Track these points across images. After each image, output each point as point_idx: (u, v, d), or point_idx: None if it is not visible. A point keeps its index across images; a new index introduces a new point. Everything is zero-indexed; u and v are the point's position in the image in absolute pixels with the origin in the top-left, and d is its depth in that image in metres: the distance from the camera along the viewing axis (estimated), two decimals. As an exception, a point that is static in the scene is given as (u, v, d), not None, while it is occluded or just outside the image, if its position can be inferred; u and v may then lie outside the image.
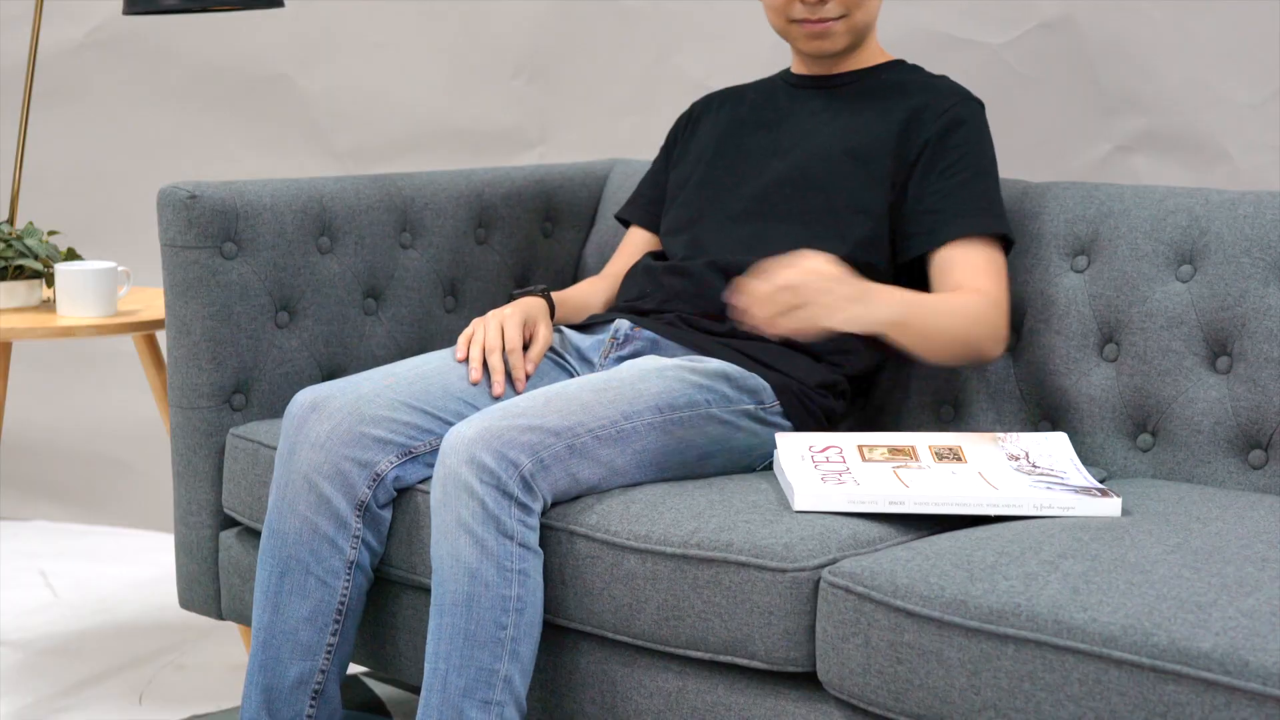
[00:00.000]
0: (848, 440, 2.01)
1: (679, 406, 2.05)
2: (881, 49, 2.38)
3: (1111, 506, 1.89)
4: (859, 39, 2.32)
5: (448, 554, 1.92)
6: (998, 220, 2.23)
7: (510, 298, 2.33)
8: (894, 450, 1.99)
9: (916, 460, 1.96)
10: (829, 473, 1.93)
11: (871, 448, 1.99)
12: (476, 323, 2.22)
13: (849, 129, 2.30)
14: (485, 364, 2.19)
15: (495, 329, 2.20)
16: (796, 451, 1.98)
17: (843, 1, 2.26)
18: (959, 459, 1.97)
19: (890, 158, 2.26)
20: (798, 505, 1.90)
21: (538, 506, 1.94)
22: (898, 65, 2.37)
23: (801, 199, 2.28)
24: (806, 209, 2.27)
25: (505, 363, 2.19)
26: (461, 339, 2.21)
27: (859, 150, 2.27)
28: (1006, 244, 2.26)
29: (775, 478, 2.04)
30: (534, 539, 1.94)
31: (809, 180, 2.28)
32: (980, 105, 2.30)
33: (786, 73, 2.43)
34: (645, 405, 2.03)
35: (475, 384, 2.16)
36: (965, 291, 2.19)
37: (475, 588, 1.90)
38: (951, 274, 2.21)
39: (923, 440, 2.01)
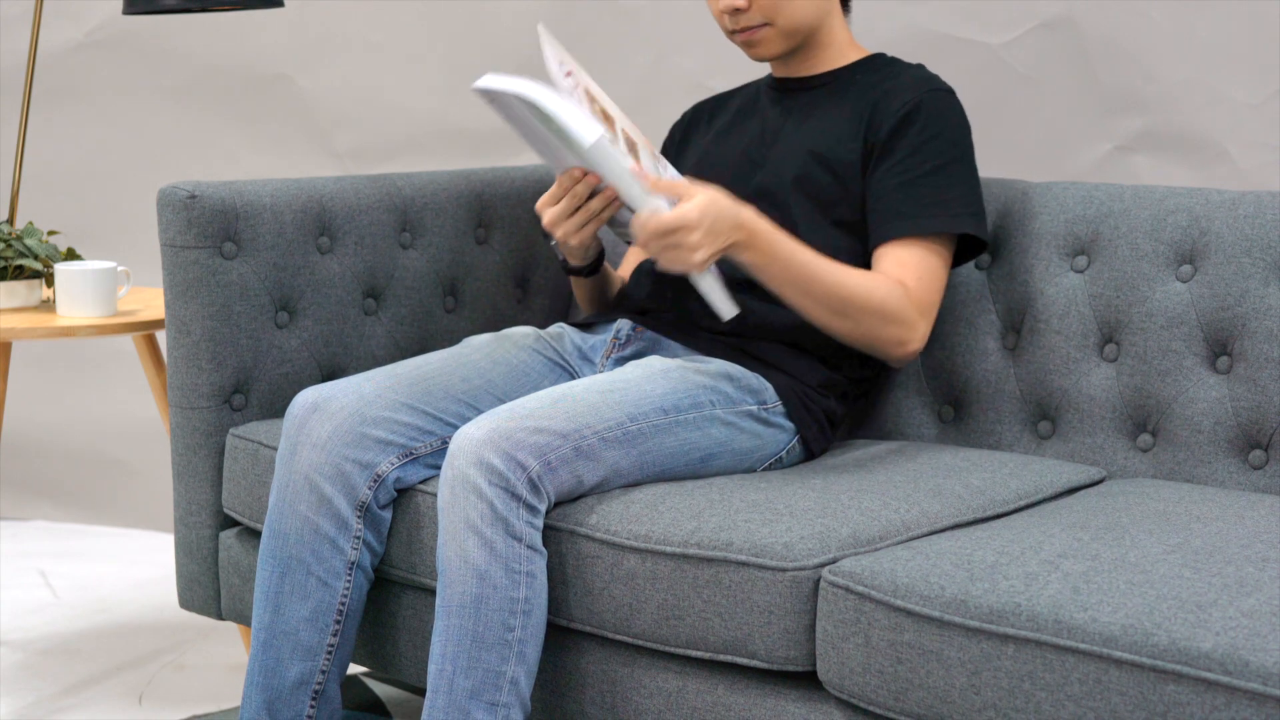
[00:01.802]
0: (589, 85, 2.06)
1: (684, 408, 2.05)
2: (856, 45, 2.33)
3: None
4: (797, 41, 2.26)
5: (455, 555, 1.92)
6: (946, 219, 2.17)
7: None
8: (606, 116, 2.03)
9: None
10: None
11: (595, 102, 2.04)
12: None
13: (817, 137, 2.25)
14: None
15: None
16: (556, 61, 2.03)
17: (761, 9, 2.21)
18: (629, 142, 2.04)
19: (857, 163, 2.22)
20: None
21: (544, 507, 1.94)
22: (873, 60, 2.31)
23: (781, 212, 2.21)
24: (787, 222, 2.20)
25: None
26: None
27: (829, 159, 2.22)
28: (975, 240, 2.22)
29: (775, 478, 2.04)
30: (540, 539, 1.94)
31: (787, 193, 2.23)
32: (946, 92, 2.23)
33: (769, 75, 2.41)
34: (651, 407, 2.03)
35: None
36: (884, 276, 2.13)
37: (484, 589, 1.90)
38: (880, 269, 2.17)
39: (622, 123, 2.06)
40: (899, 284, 2.14)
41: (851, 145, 2.22)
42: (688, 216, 1.96)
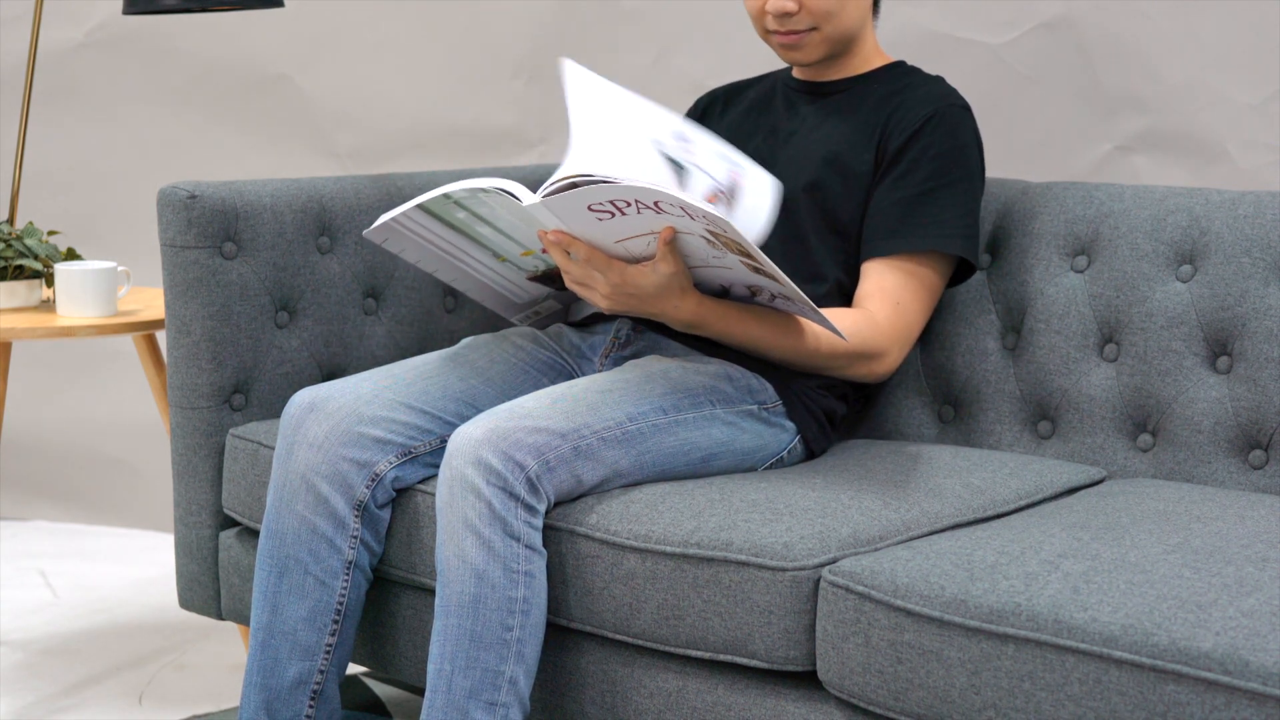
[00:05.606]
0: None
1: (684, 408, 2.05)
2: (880, 52, 2.33)
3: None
4: (839, 49, 2.26)
5: (453, 555, 1.92)
6: (939, 239, 2.17)
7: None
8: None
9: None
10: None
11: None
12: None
13: (832, 145, 2.25)
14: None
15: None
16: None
17: (811, 14, 2.20)
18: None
19: (868, 174, 2.22)
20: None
21: (543, 507, 1.94)
22: (894, 69, 2.31)
23: (788, 216, 2.20)
24: (800, 228, 2.22)
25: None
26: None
27: (842, 167, 2.22)
28: (967, 264, 2.22)
29: (775, 478, 2.04)
30: (539, 539, 1.94)
31: (797, 198, 2.23)
32: (963, 109, 2.23)
33: (787, 73, 2.41)
34: (650, 407, 2.03)
35: None
36: (850, 315, 2.13)
37: (481, 589, 1.90)
38: (862, 289, 2.18)
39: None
40: (867, 318, 2.14)
41: (864, 155, 2.22)
42: (611, 267, 1.98)
